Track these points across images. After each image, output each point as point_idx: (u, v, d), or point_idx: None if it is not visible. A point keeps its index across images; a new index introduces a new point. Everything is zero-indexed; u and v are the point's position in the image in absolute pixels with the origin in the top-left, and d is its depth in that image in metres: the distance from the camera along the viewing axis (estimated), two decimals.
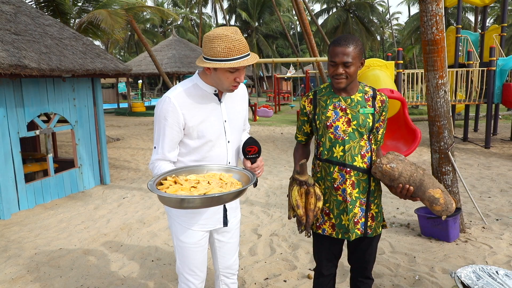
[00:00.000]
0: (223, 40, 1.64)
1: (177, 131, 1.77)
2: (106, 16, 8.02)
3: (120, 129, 13.71)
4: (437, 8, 3.39)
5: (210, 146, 1.83)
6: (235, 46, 1.64)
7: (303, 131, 2.15)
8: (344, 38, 1.90)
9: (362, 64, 1.95)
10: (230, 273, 2.13)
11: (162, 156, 1.80)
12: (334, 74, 1.90)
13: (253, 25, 32.26)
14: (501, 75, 8.57)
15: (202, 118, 1.79)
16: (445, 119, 3.73)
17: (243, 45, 1.67)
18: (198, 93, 1.80)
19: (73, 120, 5.74)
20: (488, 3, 10.34)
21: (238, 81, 1.73)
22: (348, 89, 1.98)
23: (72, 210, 5.06)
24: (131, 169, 7.45)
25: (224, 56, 1.64)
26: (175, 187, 1.60)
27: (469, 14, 34.11)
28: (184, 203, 1.52)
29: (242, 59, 1.67)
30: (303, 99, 2.11)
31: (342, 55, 1.85)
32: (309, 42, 12.64)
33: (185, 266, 1.95)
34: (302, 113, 2.12)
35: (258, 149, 1.82)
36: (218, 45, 1.64)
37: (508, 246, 3.66)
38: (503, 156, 7.82)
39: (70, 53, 5.38)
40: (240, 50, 1.66)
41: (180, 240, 1.92)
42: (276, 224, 4.40)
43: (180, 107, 1.74)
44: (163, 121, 1.75)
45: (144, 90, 29.90)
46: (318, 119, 2.01)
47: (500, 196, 5.24)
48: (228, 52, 1.64)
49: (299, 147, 2.21)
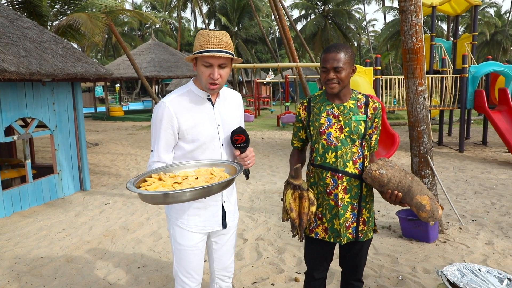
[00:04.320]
0: (202, 35, 1.78)
1: (171, 134, 1.85)
2: (86, 20, 7.89)
3: (98, 134, 13.45)
4: (417, 18, 3.53)
5: (204, 149, 1.90)
6: (209, 40, 1.75)
7: (299, 137, 2.21)
8: (335, 45, 1.99)
9: (354, 70, 2.02)
10: (225, 275, 2.16)
11: (158, 158, 1.87)
12: (326, 80, 1.97)
13: (233, 30, 32.34)
14: (473, 81, 8.93)
15: (196, 121, 1.86)
16: (425, 125, 3.87)
17: (219, 42, 1.76)
18: (192, 98, 1.89)
19: (53, 125, 5.62)
20: (460, 12, 10.77)
21: (211, 77, 1.79)
22: (341, 96, 2.04)
23: (52, 217, 4.95)
24: (111, 174, 7.33)
25: (199, 49, 1.77)
26: (156, 184, 1.65)
27: (442, 23, 35.34)
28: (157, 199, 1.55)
29: (212, 52, 1.74)
30: (298, 106, 2.16)
31: (332, 60, 1.93)
32: (289, 48, 12.79)
33: (182, 268, 1.98)
34: (297, 119, 2.17)
35: (245, 138, 1.87)
36: (197, 39, 1.80)
37: (484, 246, 3.82)
38: (476, 159, 8.14)
39: (50, 56, 5.28)
40: (214, 45, 1.75)
41: (178, 242, 1.95)
42: (261, 228, 4.44)
43: (174, 112, 1.82)
44: (158, 125, 1.84)
45: (122, 94, 29.43)
46: (312, 126, 2.07)
47: (475, 197, 5.46)
48: (202, 45, 1.76)
49: (295, 153, 2.26)
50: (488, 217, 4.65)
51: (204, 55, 1.75)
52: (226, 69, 1.82)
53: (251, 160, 1.92)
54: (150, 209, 5.17)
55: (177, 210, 1.95)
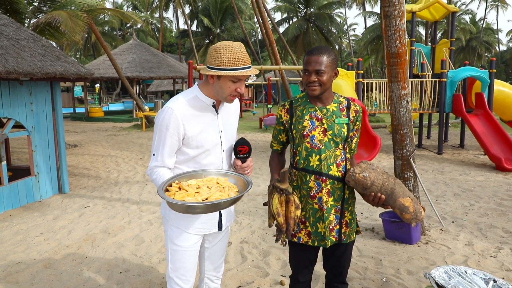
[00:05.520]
0: (229, 51, 1.77)
1: (176, 140, 1.86)
2: (66, 18, 7.68)
3: (77, 135, 13.14)
4: (400, 23, 3.59)
5: (207, 155, 1.93)
6: (239, 57, 1.77)
7: (279, 140, 2.19)
8: (318, 48, 1.98)
9: (336, 74, 2.02)
10: (215, 276, 2.17)
11: (162, 163, 1.89)
12: (308, 82, 1.97)
13: (215, 32, 32.24)
14: (451, 86, 9.16)
15: (201, 128, 1.89)
16: (407, 128, 3.93)
17: (246, 58, 1.81)
18: (198, 104, 1.90)
19: (30, 126, 5.44)
20: (438, 18, 11.05)
21: (238, 91, 1.83)
22: (323, 99, 2.04)
23: (29, 221, 4.78)
24: (91, 176, 7.16)
25: (228, 66, 1.76)
26: (181, 193, 1.71)
27: (420, 28, 36.21)
28: (190, 209, 1.64)
29: (245, 70, 1.80)
30: (280, 108, 2.15)
31: (315, 63, 1.93)
32: (272, 50, 12.82)
33: (177, 271, 1.99)
34: (279, 122, 2.15)
35: (249, 149, 1.91)
36: (224, 55, 1.76)
37: (464, 246, 3.91)
38: (454, 162, 8.34)
39: (28, 55, 5.11)
40: (244, 62, 1.79)
41: (175, 243, 1.97)
42: (246, 231, 4.41)
43: (181, 118, 1.83)
44: (164, 130, 1.84)
45: (102, 95, 28.88)
46: (295, 129, 2.05)
47: (454, 199, 5.58)
48: (232, 62, 1.76)
49: (274, 156, 2.24)
50: (468, 218, 4.76)
51: (238, 74, 1.77)
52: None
53: (250, 170, 1.98)
54: (132, 212, 5.07)
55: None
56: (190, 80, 9.36)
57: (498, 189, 6.11)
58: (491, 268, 3.46)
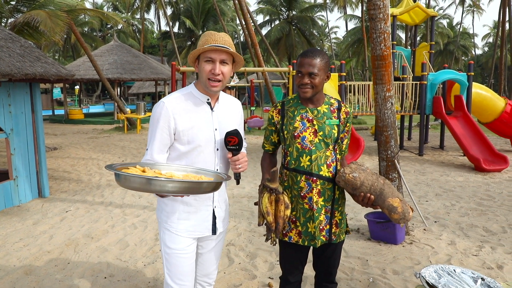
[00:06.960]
0: (205, 35, 1.84)
1: (167, 134, 1.83)
2: (45, 18, 7.48)
3: (56, 138, 12.83)
4: (385, 26, 3.64)
5: (199, 152, 1.88)
6: (211, 38, 1.81)
7: (271, 141, 2.20)
8: (312, 51, 2.00)
9: (328, 77, 2.05)
10: (207, 282, 2.13)
11: (151, 158, 1.85)
12: (300, 84, 1.99)
13: (197, 33, 32.08)
14: (431, 88, 9.37)
15: (193, 124, 1.85)
16: (392, 129, 3.99)
17: (222, 39, 1.81)
18: (192, 100, 1.89)
19: (8, 128, 5.27)
20: (418, 22, 11.29)
21: (213, 72, 1.80)
22: (315, 100, 2.06)
23: (7, 226, 4.63)
24: (72, 180, 6.99)
25: (201, 45, 1.82)
26: (137, 171, 1.65)
27: (400, 31, 36.93)
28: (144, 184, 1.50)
29: (216, 47, 1.77)
30: (272, 109, 2.16)
31: (308, 65, 1.95)
32: (255, 52, 12.83)
33: (174, 275, 1.93)
34: (270, 123, 2.16)
35: (238, 141, 1.85)
36: (200, 40, 1.85)
37: (447, 246, 3.99)
38: (435, 163, 8.52)
39: (6, 55, 4.96)
40: (216, 41, 1.80)
41: (168, 246, 1.92)
42: (232, 233, 4.38)
43: (172, 112, 1.82)
44: (155, 124, 1.83)
45: (82, 97, 28.30)
46: (286, 129, 2.07)
47: (436, 199, 5.70)
48: (204, 43, 1.81)
49: (266, 156, 2.25)
50: (449, 218, 4.87)
51: (206, 48, 1.77)
52: (228, 67, 1.83)
53: (243, 165, 1.91)
54: (115, 216, 4.97)
55: (167, 212, 1.92)
56: (173, 82, 9.26)
57: (478, 189, 6.28)
58: (474, 266, 3.54)
